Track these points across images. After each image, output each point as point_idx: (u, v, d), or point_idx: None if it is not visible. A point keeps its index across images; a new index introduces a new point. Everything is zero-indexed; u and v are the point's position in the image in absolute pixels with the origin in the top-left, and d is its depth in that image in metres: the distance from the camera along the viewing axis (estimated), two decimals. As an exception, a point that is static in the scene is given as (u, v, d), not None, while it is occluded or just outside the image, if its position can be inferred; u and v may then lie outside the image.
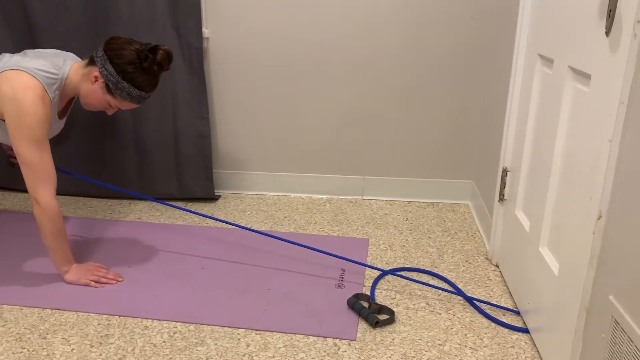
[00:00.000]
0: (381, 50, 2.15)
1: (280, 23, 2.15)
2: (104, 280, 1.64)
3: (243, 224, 2.07)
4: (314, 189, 2.37)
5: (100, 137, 2.25)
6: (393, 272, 1.70)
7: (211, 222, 2.08)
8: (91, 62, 1.57)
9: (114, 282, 1.65)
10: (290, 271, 1.73)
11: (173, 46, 2.13)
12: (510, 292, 1.62)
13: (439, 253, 1.86)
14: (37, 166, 1.51)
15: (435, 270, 1.74)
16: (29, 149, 1.49)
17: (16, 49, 2.17)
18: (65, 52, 1.68)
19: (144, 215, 2.14)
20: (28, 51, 1.63)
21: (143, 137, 2.21)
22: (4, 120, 1.57)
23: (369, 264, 1.78)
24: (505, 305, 1.56)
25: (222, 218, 2.12)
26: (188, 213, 2.17)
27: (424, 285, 1.65)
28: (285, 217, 2.15)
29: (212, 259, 1.80)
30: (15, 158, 1.91)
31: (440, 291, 1.63)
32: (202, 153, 2.24)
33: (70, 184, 2.32)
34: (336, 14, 2.12)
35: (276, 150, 2.33)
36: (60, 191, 2.33)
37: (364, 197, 2.35)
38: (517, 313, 1.52)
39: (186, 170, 2.26)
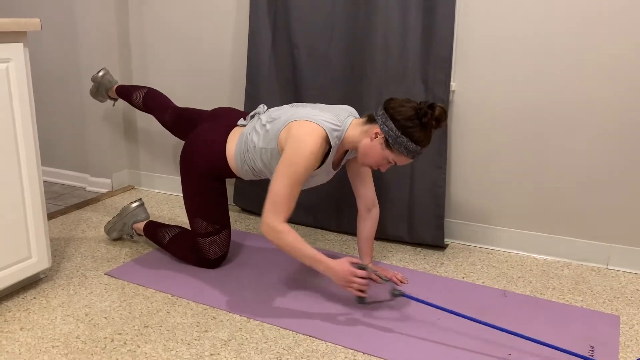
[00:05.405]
0: (646, 110, 1.97)
1: (530, 77, 2.11)
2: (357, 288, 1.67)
3: (474, 278, 2.05)
4: (550, 251, 2.24)
5: (336, 179, 2.44)
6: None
7: (442, 272, 2.10)
8: (370, 120, 1.73)
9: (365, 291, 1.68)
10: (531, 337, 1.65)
11: (419, 98, 2.23)
12: None
13: None
14: (282, 199, 1.66)
15: None
16: (285, 184, 1.65)
17: (282, 95, 2.49)
18: (345, 107, 1.85)
19: (377, 255, 2.25)
20: (315, 104, 1.85)
21: (381, 182, 2.34)
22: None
23: (620, 344, 1.62)
24: None
25: (452, 270, 2.13)
26: (417, 259, 2.22)
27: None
28: (519, 277, 2.06)
29: (446, 310, 1.81)
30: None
31: None
32: (435, 202, 2.28)
33: (308, 215, 2.55)
34: (596, 68, 2.01)
35: (511, 206, 2.27)
36: (300, 222, 2.57)
37: (609, 267, 2.14)
38: None
39: (418, 217, 2.32)
